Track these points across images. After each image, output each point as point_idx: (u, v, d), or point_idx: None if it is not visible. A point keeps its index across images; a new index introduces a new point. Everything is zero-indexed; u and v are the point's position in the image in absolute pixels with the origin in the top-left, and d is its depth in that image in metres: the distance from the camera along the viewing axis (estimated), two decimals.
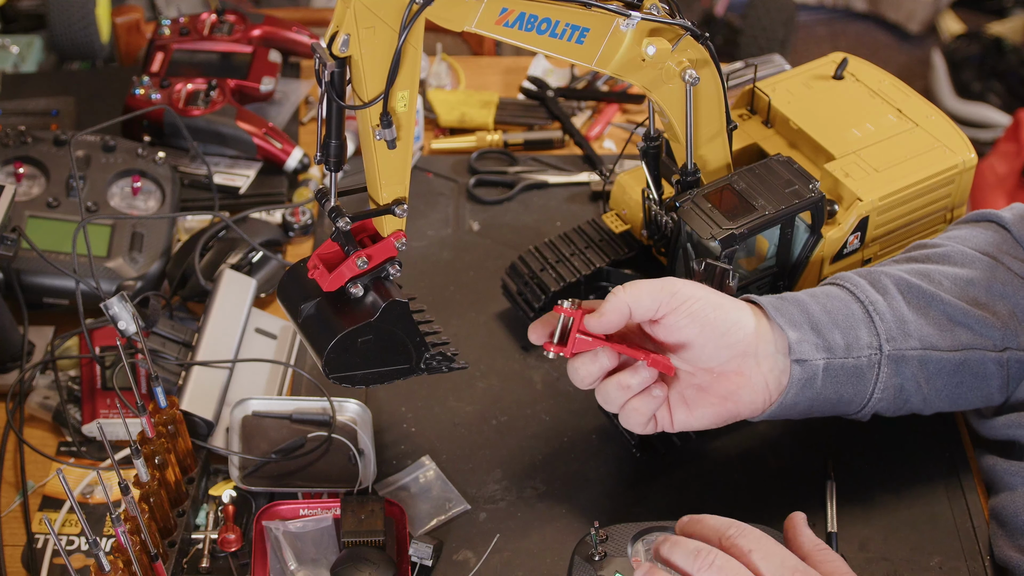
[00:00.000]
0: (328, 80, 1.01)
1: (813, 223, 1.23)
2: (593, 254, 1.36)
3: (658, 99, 1.19)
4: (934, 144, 1.30)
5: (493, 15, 1.05)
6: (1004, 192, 2.65)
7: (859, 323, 1.13)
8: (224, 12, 1.67)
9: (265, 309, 1.43)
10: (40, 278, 1.37)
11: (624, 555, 1.09)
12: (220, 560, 1.19)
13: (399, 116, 1.04)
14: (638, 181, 1.35)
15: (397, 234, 1.09)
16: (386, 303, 1.08)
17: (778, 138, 1.36)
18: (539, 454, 1.29)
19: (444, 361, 1.17)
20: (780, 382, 1.11)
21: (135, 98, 1.56)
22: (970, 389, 1.17)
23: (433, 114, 1.68)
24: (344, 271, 1.08)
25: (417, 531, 1.21)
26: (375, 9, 0.98)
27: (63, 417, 1.30)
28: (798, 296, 1.14)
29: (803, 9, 3.38)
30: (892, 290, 1.15)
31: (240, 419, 1.27)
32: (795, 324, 1.11)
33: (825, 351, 1.11)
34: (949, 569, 1.18)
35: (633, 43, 1.13)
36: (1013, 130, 2.69)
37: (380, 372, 1.13)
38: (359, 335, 1.09)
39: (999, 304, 1.17)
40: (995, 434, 1.22)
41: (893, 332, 1.13)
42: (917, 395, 1.16)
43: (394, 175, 1.07)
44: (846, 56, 1.40)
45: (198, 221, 1.52)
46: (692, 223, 1.19)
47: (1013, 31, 3.15)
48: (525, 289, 1.36)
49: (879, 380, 1.13)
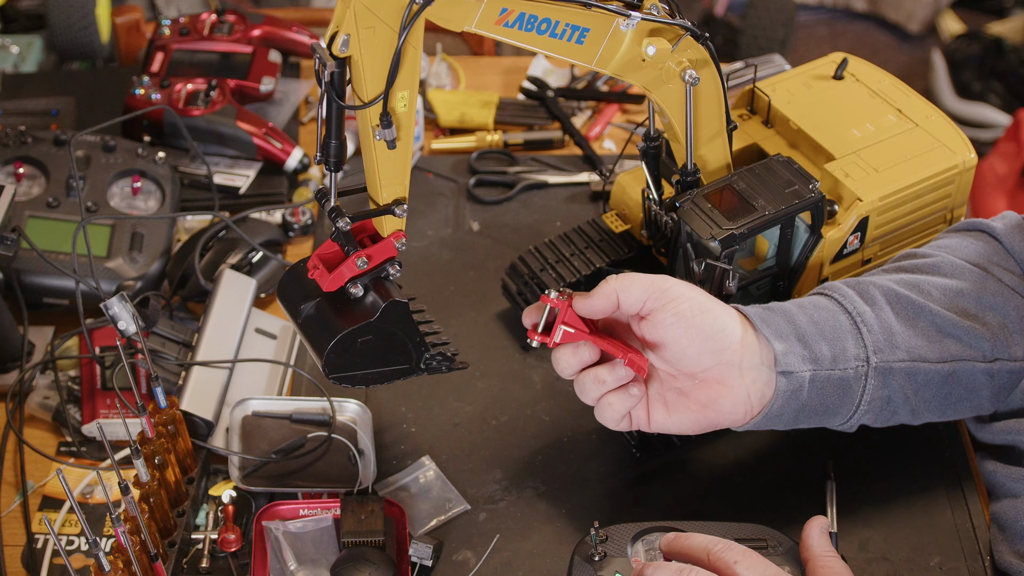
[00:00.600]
0: (328, 80, 1.01)
1: (813, 223, 1.23)
2: (593, 254, 1.36)
3: (658, 99, 1.19)
4: (934, 144, 1.30)
5: (493, 15, 1.05)
6: (1004, 192, 2.65)
7: (846, 335, 1.12)
8: (224, 12, 1.67)
9: (265, 309, 1.43)
10: (40, 278, 1.37)
11: (624, 555, 1.09)
12: (220, 560, 1.19)
13: (399, 116, 1.03)
14: (638, 181, 1.35)
15: (397, 234, 1.09)
16: (386, 303, 1.08)
17: (778, 138, 1.36)
18: (539, 454, 1.29)
19: (444, 361, 1.17)
20: (763, 394, 1.10)
21: (135, 98, 1.56)
22: (959, 400, 1.16)
23: (433, 114, 1.68)
24: (344, 271, 1.08)
25: (417, 531, 1.21)
26: (375, 9, 0.98)
27: (63, 417, 1.30)
28: (785, 306, 1.13)
29: (803, 9, 3.38)
30: (880, 301, 1.14)
31: (240, 419, 1.27)
32: (781, 335, 1.10)
33: (811, 362, 1.10)
34: (949, 569, 1.18)
35: (633, 43, 1.13)
36: (1013, 130, 2.69)
37: (380, 372, 1.13)
38: (359, 335, 1.09)
39: (989, 315, 1.16)
40: (994, 439, 1.22)
41: (881, 344, 1.12)
42: (905, 407, 1.15)
43: (394, 175, 1.07)
44: (846, 56, 1.40)
45: (198, 221, 1.52)
46: (692, 223, 1.19)
47: (1013, 31, 3.15)
48: (525, 289, 1.36)
49: (866, 392, 1.12)
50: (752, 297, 1.27)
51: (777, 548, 1.10)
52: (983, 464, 1.24)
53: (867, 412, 1.13)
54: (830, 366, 1.11)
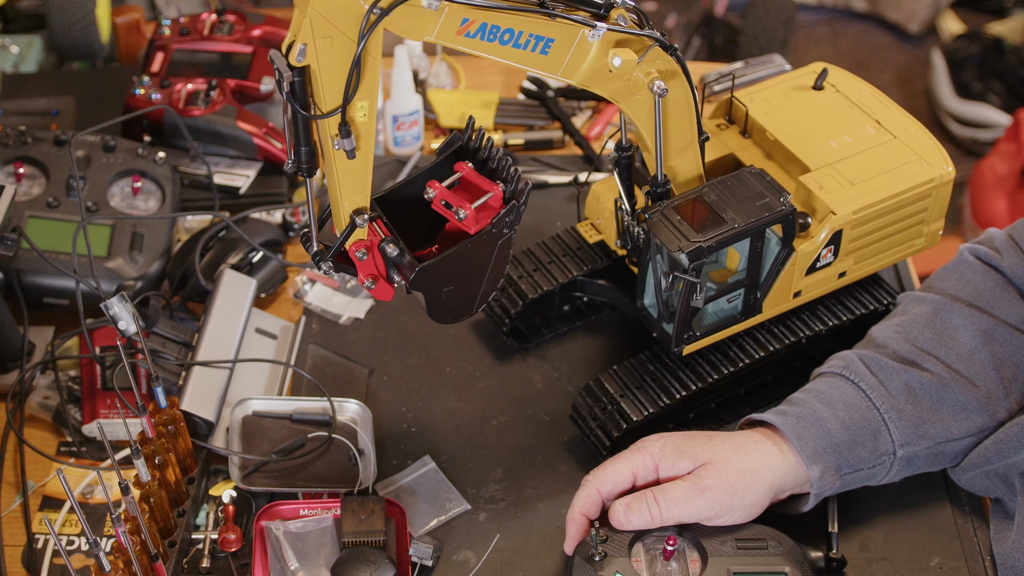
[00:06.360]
0: (288, 91, 1.00)
1: (785, 236, 1.21)
2: (571, 262, 1.35)
3: (627, 110, 1.17)
4: (912, 157, 1.28)
5: (453, 26, 1.03)
6: (1004, 192, 2.65)
7: (876, 433, 1.16)
8: (224, 12, 1.67)
9: (265, 309, 1.43)
10: (40, 278, 1.37)
11: (624, 555, 1.09)
12: (220, 560, 1.19)
13: (358, 126, 1.02)
14: (612, 191, 1.31)
15: (358, 244, 1.09)
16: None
17: (755, 148, 1.34)
18: (539, 454, 1.29)
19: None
20: (795, 488, 1.16)
21: (135, 98, 1.56)
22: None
23: (433, 114, 1.68)
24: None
25: (417, 531, 1.21)
26: (331, 18, 0.96)
27: (63, 417, 1.30)
28: (818, 412, 1.16)
29: (803, 9, 3.38)
30: (903, 392, 1.17)
31: (240, 419, 1.27)
32: (818, 455, 1.14)
33: (843, 469, 1.15)
34: (949, 569, 1.18)
35: (600, 54, 1.11)
36: (1013, 130, 2.69)
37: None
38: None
39: (1007, 370, 1.19)
40: (967, 487, 1.23)
41: (908, 436, 1.16)
42: (924, 467, 1.20)
43: (354, 185, 1.06)
44: (826, 66, 1.37)
45: (198, 221, 1.52)
46: (660, 235, 1.17)
47: (1013, 31, 3.15)
48: (502, 295, 1.35)
49: (889, 475, 1.18)
50: (725, 308, 1.25)
51: (777, 548, 1.10)
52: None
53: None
54: (859, 467, 1.16)
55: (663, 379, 1.26)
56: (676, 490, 1.10)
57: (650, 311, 1.26)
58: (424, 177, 1.12)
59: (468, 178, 1.12)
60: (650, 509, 1.09)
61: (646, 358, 1.28)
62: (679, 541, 1.11)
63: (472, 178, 1.11)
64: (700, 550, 1.10)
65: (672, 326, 1.21)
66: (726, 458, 1.11)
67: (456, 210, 1.08)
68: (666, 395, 1.24)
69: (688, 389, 1.25)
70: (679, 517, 1.10)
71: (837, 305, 1.31)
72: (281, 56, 0.99)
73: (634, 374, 1.26)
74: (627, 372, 1.27)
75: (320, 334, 1.41)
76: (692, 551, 1.11)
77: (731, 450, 1.12)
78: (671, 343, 1.22)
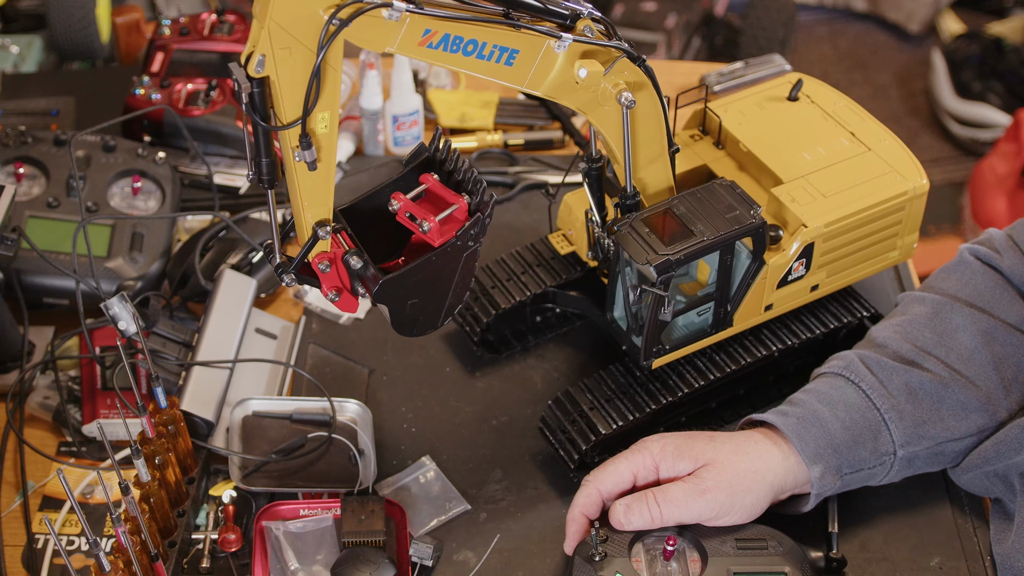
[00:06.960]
0: (247, 102, 0.99)
1: (755, 249, 1.19)
2: (544, 272, 1.35)
3: (594, 121, 1.16)
4: (885, 169, 1.27)
5: (415, 37, 1.02)
6: (1004, 192, 2.65)
7: (877, 433, 1.16)
8: (224, 12, 1.67)
9: (265, 309, 1.43)
10: (40, 278, 1.37)
11: (624, 555, 1.09)
12: (220, 560, 1.19)
13: (319, 138, 1.02)
14: (583, 202, 1.30)
15: (320, 256, 1.09)
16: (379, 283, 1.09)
17: (728, 160, 1.32)
18: (539, 454, 1.29)
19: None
20: (795, 488, 1.16)
21: (135, 98, 1.56)
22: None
23: (433, 114, 1.68)
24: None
25: (417, 531, 1.21)
26: (290, 29, 0.96)
27: (63, 417, 1.30)
28: (818, 412, 1.15)
29: (803, 9, 3.38)
30: (903, 393, 1.17)
31: (240, 419, 1.27)
32: (818, 455, 1.14)
33: (843, 469, 1.15)
34: (949, 569, 1.18)
35: (566, 65, 1.09)
36: (1013, 130, 2.69)
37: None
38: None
39: (1006, 370, 1.19)
40: (967, 487, 1.23)
41: (909, 436, 1.16)
42: (924, 467, 1.20)
43: (315, 197, 1.05)
44: (801, 77, 1.36)
45: (198, 221, 1.52)
46: (628, 248, 1.16)
47: (1013, 31, 3.15)
48: (475, 304, 1.35)
49: (889, 475, 1.18)
50: (696, 321, 1.24)
51: (777, 548, 1.10)
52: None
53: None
54: (860, 467, 1.16)
55: (633, 392, 1.24)
56: (676, 491, 1.10)
57: (620, 324, 1.25)
58: (390, 188, 1.11)
59: (433, 190, 1.11)
60: (650, 510, 1.09)
61: (617, 371, 1.27)
62: (679, 541, 1.11)
63: (438, 190, 1.10)
64: (700, 550, 1.11)
65: (641, 339, 1.20)
66: (726, 459, 1.11)
67: (420, 222, 1.08)
68: (636, 408, 1.23)
69: (658, 402, 1.23)
70: (679, 518, 1.10)
71: (810, 318, 1.30)
72: (239, 67, 0.98)
73: (603, 387, 1.26)
74: (596, 385, 1.26)
75: (320, 334, 1.41)
76: (692, 551, 1.11)
77: (731, 451, 1.12)
78: (640, 356, 1.22)
